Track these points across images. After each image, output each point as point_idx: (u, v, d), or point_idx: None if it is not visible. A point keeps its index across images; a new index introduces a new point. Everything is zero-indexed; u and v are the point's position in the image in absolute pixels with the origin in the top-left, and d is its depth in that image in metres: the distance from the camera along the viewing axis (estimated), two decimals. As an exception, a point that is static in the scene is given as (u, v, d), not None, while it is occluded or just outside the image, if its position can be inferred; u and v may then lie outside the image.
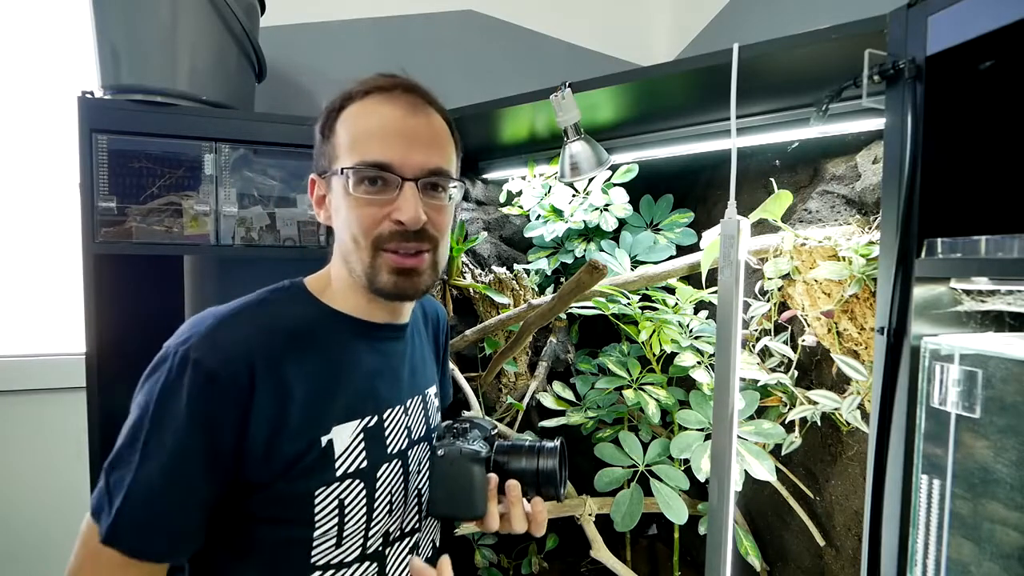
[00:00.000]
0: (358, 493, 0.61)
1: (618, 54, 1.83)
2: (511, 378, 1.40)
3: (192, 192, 1.09)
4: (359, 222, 0.60)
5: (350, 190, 0.60)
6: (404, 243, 0.61)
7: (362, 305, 0.66)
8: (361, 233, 0.60)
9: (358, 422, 0.63)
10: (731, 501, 0.77)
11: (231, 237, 1.11)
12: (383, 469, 0.64)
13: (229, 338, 0.57)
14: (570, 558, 1.43)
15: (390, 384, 0.68)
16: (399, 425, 0.68)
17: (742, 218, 0.76)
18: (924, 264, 0.60)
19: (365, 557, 0.64)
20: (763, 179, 1.07)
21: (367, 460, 0.62)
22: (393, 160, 0.60)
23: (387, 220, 0.60)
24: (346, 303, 0.66)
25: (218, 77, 1.13)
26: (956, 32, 0.56)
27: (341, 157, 0.62)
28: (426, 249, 0.63)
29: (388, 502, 0.65)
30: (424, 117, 0.64)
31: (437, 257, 0.65)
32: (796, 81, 0.83)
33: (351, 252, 0.62)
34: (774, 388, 1.02)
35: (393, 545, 0.68)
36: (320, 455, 0.58)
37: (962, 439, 0.56)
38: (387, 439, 0.66)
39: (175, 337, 0.58)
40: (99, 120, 1.02)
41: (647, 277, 1.16)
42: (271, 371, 0.57)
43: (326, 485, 0.59)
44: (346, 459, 0.61)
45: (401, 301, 0.66)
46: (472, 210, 1.51)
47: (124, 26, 1.05)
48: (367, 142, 0.61)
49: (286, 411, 0.57)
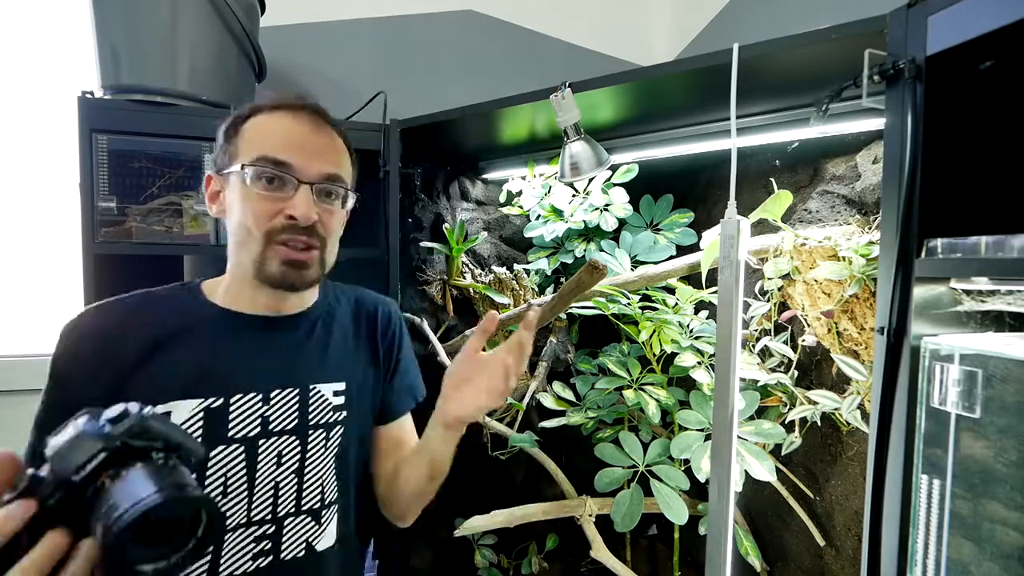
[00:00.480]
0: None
1: (618, 54, 1.83)
2: (511, 378, 1.39)
3: (192, 192, 1.09)
4: (254, 215, 0.67)
5: (248, 184, 0.66)
6: (295, 236, 0.67)
7: (245, 297, 0.73)
8: (255, 225, 0.67)
9: (199, 401, 0.67)
10: (731, 501, 0.77)
11: (231, 237, 1.11)
12: (219, 451, 0.68)
13: (93, 318, 0.69)
14: (570, 558, 1.43)
15: (245, 371, 0.71)
16: (250, 412, 0.70)
17: (742, 218, 0.76)
18: (924, 264, 0.60)
19: None
20: (763, 179, 1.07)
21: (201, 438, 0.67)
22: (293, 163, 0.67)
23: (280, 215, 0.67)
24: (227, 298, 0.73)
25: (218, 77, 1.13)
26: (956, 32, 0.56)
27: (242, 156, 0.68)
28: (315, 246, 0.69)
29: (222, 485, 0.68)
30: (326, 135, 0.72)
31: (325, 255, 0.72)
32: (796, 81, 0.83)
33: (241, 243, 0.69)
34: (774, 388, 1.02)
35: (234, 532, 0.68)
36: None
37: (962, 439, 0.56)
38: (230, 423, 0.69)
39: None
40: (99, 120, 1.02)
41: (647, 277, 1.16)
42: (122, 342, 0.67)
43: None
44: None
45: (287, 290, 0.71)
46: (472, 210, 1.51)
47: (124, 26, 1.05)
48: (271, 145, 0.67)
49: (125, 382, 0.65)
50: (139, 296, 0.73)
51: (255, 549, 0.69)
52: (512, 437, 1.27)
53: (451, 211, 1.46)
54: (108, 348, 0.66)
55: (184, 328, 0.70)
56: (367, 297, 0.87)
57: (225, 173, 0.69)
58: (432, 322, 1.37)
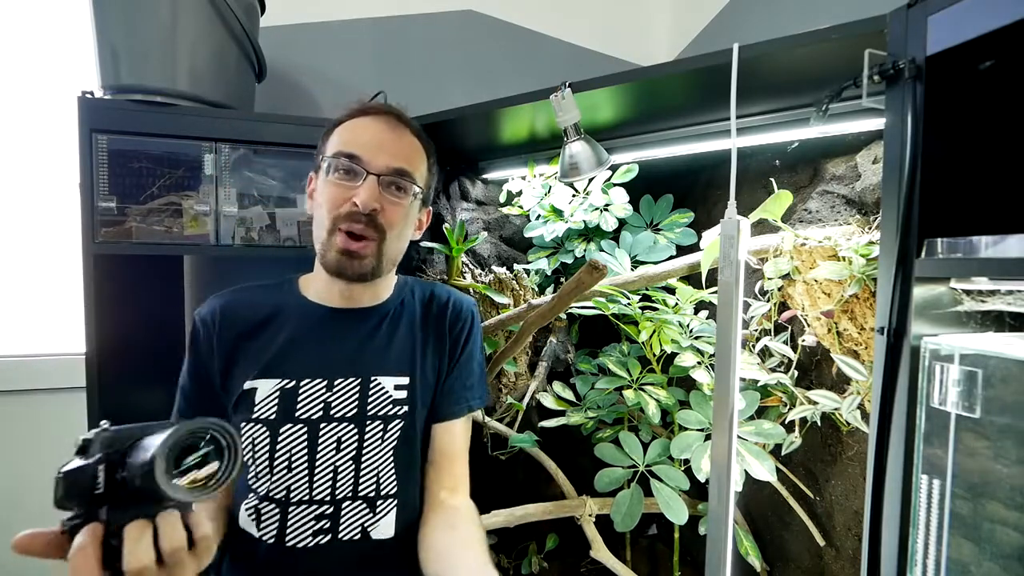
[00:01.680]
0: (263, 438, 0.75)
1: (618, 54, 1.83)
2: (511, 378, 1.40)
3: (192, 192, 1.09)
4: (327, 200, 0.74)
5: (326, 175, 0.75)
6: (353, 224, 0.73)
7: (322, 291, 0.81)
8: (327, 209, 0.74)
9: (278, 381, 0.76)
10: (731, 501, 0.77)
11: (231, 237, 1.11)
12: (286, 428, 0.75)
13: (213, 302, 0.82)
14: (570, 558, 1.43)
15: (315, 358, 0.78)
16: (314, 397, 0.77)
17: (742, 218, 0.76)
18: (924, 264, 0.60)
19: (270, 500, 0.75)
20: (763, 179, 1.07)
21: (275, 414, 0.75)
22: (363, 155, 0.74)
23: (348, 203, 0.73)
24: (312, 290, 0.82)
25: (218, 77, 1.13)
26: (956, 32, 0.56)
27: (328, 151, 0.77)
28: (372, 237, 0.74)
29: (287, 459, 0.75)
30: (400, 132, 0.79)
31: (384, 246, 0.76)
32: (796, 81, 0.83)
33: (317, 229, 0.76)
34: (774, 388, 1.02)
35: (298, 506, 0.75)
36: (245, 396, 0.76)
37: (962, 439, 0.56)
38: (298, 404, 0.76)
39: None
40: (99, 120, 1.02)
41: (647, 277, 1.16)
42: (231, 323, 0.79)
43: (246, 422, 0.75)
44: (263, 407, 0.75)
45: (342, 279, 0.77)
46: (472, 210, 1.51)
47: (124, 26, 1.05)
48: (346, 142, 0.75)
49: (234, 359, 0.78)
50: (252, 286, 0.84)
51: (315, 527, 0.75)
52: (512, 437, 1.27)
53: (451, 211, 1.46)
54: (221, 328, 0.79)
55: (276, 316, 0.80)
56: (442, 290, 0.90)
57: (317, 170, 0.78)
58: (432, 322, 1.37)
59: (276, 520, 0.75)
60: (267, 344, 0.78)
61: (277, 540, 0.74)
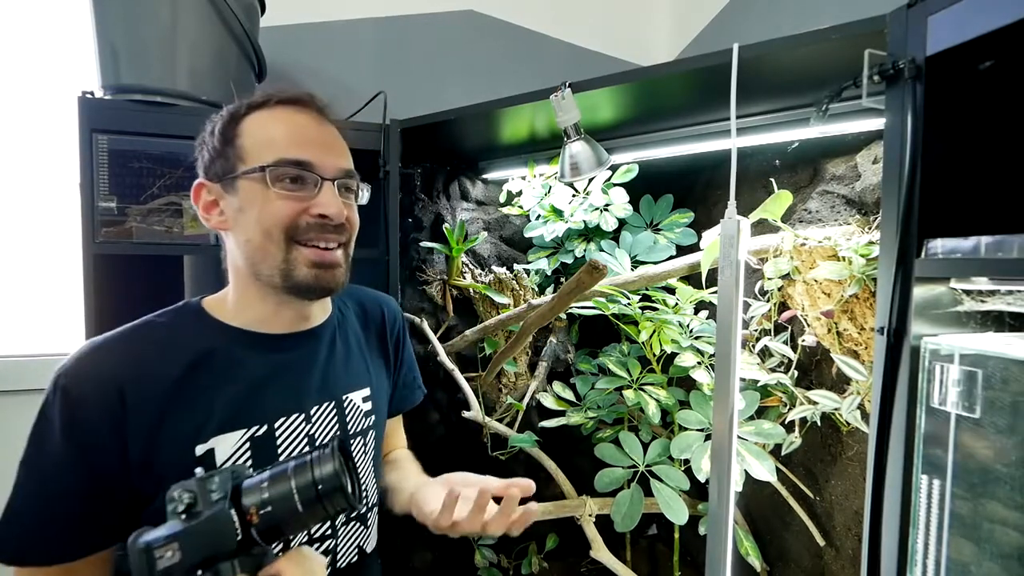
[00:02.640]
0: None
1: (618, 54, 1.83)
2: (511, 378, 1.40)
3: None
4: (276, 216, 0.62)
5: (269, 186, 0.62)
6: (325, 235, 0.64)
7: (263, 314, 0.68)
8: (275, 225, 0.62)
9: (243, 432, 0.64)
10: (731, 501, 0.77)
11: (231, 237, 1.10)
12: None
13: (97, 363, 0.60)
14: (570, 558, 1.43)
15: (286, 393, 0.68)
16: (296, 434, 0.68)
17: (742, 218, 0.76)
18: (924, 264, 0.60)
19: None
20: (763, 179, 1.07)
21: (251, 465, 0.63)
22: (313, 160, 0.63)
23: (305, 215, 0.63)
24: (243, 317, 0.67)
25: (218, 77, 1.13)
26: (956, 32, 0.56)
27: (251, 158, 0.63)
28: (343, 243, 0.67)
29: None
30: (330, 126, 0.69)
31: (349, 251, 0.69)
32: (796, 81, 0.83)
33: (257, 251, 0.63)
34: (774, 388, 1.02)
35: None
36: (198, 464, 0.60)
37: (962, 439, 0.56)
38: (280, 448, 0.66)
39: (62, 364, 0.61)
40: (99, 120, 1.02)
41: (647, 277, 1.16)
42: (140, 392, 0.59)
43: None
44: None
45: (318, 297, 0.68)
46: (472, 210, 1.51)
47: (124, 26, 1.05)
48: (284, 144, 0.63)
49: (161, 424, 0.60)
50: (141, 329, 0.65)
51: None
52: (512, 437, 1.27)
53: (451, 211, 1.46)
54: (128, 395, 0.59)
55: (207, 358, 0.64)
56: (367, 296, 0.86)
57: (229, 179, 0.64)
58: (432, 322, 1.38)
59: None
60: (209, 393, 0.63)
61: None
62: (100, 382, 0.59)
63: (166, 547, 0.43)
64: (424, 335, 1.35)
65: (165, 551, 0.43)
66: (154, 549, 0.43)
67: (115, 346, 0.62)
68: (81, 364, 0.60)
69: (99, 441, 0.58)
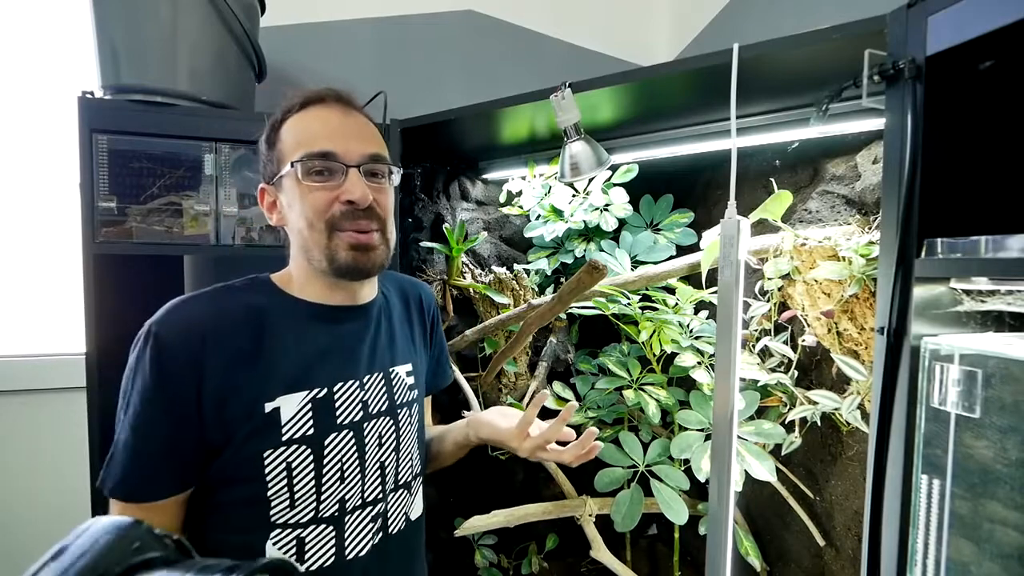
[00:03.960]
0: (305, 457, 0.68)
1: (618, 54, 1.83)
2: (511, 378, 1.40)
3: (192, 192, 1.09)
4: (312, 206, 0.68)
5: (300, 179, 0.68)
6: (356, 221, 0.69)
7: (321, 291, 0.74)
8: (315, 216, 0.68)
9: (306, 393, 0.69)
10: (731, 501, 0.77)
11: (231, 237, 1.11)
12: (332, 438, 0.70)
13: (184, 314, 0.66)
14: (570, 558, 1.43)
15: (344, 361, 0.73)
16: (352, 399, 0.73)
17: (742, 218, 0.76)
18: (924, 264, 0.60)
19: (320, 520, 0.69)
20: (763, 179, 1.07)
21: (314, 428, 0.68)
22: (336, 149, 0.68)
23: (337, 202, 0.68)
24: (304, 291, 0.74)
25: (218, 77, 1.13)
26: (956, 32, 0.56)
27: (287, 158, 0.69)
28: (377, 228, 0.71)
29: (339, 470, 0.70)
30: (356, 117, 0.73)
31: (387, 235, 0.73)
32: (796, 81, 0.84)
33: (307, 240, 0.69)
34: (774, 388, 1.02)
35: (352, 513, 0.72)
36: (266, 420, 0.66)
37: (962, 439, 0.56)
38: (337, 411, 0.71)
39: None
40: (99, 120, 1.02)
41: (647, 277, 1.16)
42: (221, 343, 0.65)
43: (273, 448, 0.66)
44: (293, 426, 0.68)
45: (360, 277, 0.73)
46: (472, 210, 1.51)
47: (124, 26, 1.05)
48: (311, 139, 0.69)
49: (234, 379, 0.65)
50: (223, 291, 0.71)
51: (373, 527, 0.74)
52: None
53: (451, 211, 1.46)
54: (207, 344, 0.64)
55: (275, 322, 0.70)
56: (406, 281, 0.92)
57: (276, 180, 0.71)
58: (432, 322, 1.38)
59: (331, 539, 0.70)
60: (277, 355, 0.68)
61: (336, 559, 0.70)
62: (186, 329, 0.64)
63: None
64: (424, 335, 1.35)
65: None
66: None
67: (201, 301, 0.69)
68: (170, 314, 0.66)
69: (181, 383, 0.63)
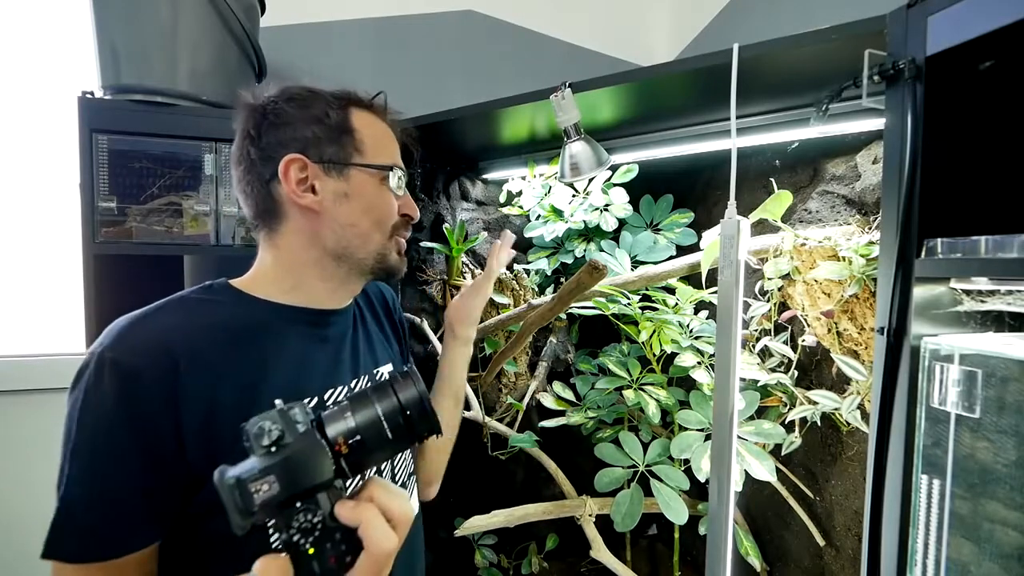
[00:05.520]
0: None
1: (618, 54, 1.83)
2: (511, 378, 1.40)
3: (192, 192, 1.09)
4: (390, 212, 0.71)
5: (391, 186, 0.71)
6: (406, 231, 0.76)
7: (318, 294, 0.70)
8: (389, 220, 0.71)
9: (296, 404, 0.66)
10: (731, 501, 0.77)
11: (231, 237, 1.11)
12: None
13: (145, 336, 0.58)
14: (570, 558, 1.43)
15: (332, 367, 0.71)
16: None
17: (742, 218, 0.76)
18: (924, 264, 0.60)
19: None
20: (763, 179, 1.07)
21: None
22: (401, 167, 0.74)
23: (398, 214, 0.73)
24: (289, 295, 0.68)
25: (218, 77, 1.13)
26: (956, 32, 0.56)
27: (370, 154, 0.69)
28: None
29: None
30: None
31: None
32: (796, 81, 0.83)
33: (362, 236, 0.69)
34: (774, 388, 1.02)
35: None
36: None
37: (962, 439, 0.56)
38: None
39: (93, 344, 0.58)
40: (99, 120, 1.02)
41: (647, 277, 1.16)
42: (197, 362, 0.57)
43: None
44: None
45: (392, 278, 0.76)
46: (472, 210, 1.51)
47: (124, 26, 1.05)
48: (391, 150, 0.72)
49: (218, 399, 0.58)
50: (177, 303, 0.63)
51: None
52: (512, 437, 1.27)
53: (451, 211, 1.46)
54: (180, 364, 0.56)
55: (254, 332, 0.64)
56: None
57: (339, 165, 0.66)
58: (432, 322, 1.37)
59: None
60: (265, 368, 0.63)
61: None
62: (152, 353, 0.56)
63: (262, 480, 0.40)
64: (424, 335, 1.34)
65: (261, 484, 0.40)
66: (249, 483, 0.40)
67: (160, 318, 0.60)
68: (125, 338, 0.57)
69: (155, 415, 0.55)
